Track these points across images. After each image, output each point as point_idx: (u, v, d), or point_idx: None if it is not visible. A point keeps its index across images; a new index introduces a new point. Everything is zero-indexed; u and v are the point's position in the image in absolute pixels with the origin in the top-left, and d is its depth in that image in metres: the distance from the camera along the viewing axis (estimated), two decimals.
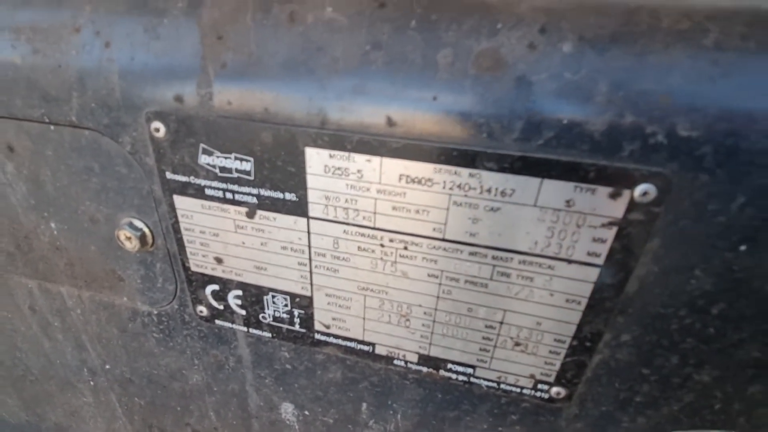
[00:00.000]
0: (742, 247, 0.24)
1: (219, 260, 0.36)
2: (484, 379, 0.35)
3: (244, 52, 0.28)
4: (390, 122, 0.26)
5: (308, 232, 0.32)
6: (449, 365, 0.35)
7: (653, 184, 0.24)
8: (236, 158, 0.30)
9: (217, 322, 0.40)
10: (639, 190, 0.24)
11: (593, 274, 0.27)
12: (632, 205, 0.25)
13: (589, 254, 0.27)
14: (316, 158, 0.28)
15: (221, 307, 0.39)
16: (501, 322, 0.31)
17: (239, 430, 0.49)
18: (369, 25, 0.26)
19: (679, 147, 0.23)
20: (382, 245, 0.31)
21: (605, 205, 0.25)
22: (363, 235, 0.31)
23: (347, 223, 0.30)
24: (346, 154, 0.28)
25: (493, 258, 0.29)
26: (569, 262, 0.27)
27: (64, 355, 0.52)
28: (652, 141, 0.23)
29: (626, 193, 0.24)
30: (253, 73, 0.28)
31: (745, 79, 0.22)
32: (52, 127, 0.34)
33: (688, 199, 0.24)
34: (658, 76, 0.23)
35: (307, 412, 0.44)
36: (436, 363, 0.35)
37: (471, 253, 0.29)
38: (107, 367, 0.50)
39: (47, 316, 0.48)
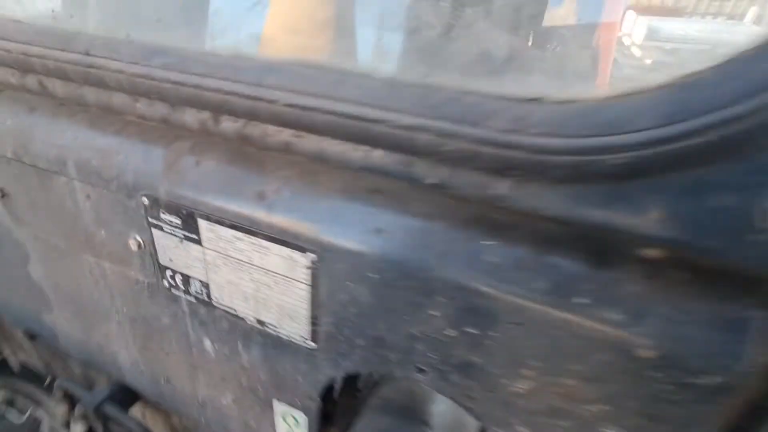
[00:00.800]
0: (350, 284, 0.59)
1: (170, 260, 0.75)
2: (284, 334, 0.71)
3: (180, 175, 0.67)
4: (233, 218, 0.64)
5: (204, 253, 0.70)
6: (268, 324, 0.71)
7: (315, 254, 0.59)
8: (176, 217, 0.69)
9: (172, 290, 0.79)
10: (310, 255, 0.60)
11: (307, 288, 0.63)
12: (309, 262, 0.60)
13: (302, 279, 0.63)
14: (204, 224, 0.66)
15: (174, 283, 0.78)
16: (282, 306, 0.68)
17: (187, 354, 0.88)
18: (229, 170, 0.64)
19: (321, 244, 0.58)
20: (229, 264, 0.68)
21: (301, 260, 0.61)
22: (225, 258, 0.68)
23: (217, 252, 0.68)
24: (213, 224, 0.65)
25: (272, 276, 0.65)
26: (298, 281, 0.63)
27: (103, 300, 0.94)
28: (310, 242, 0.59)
29: (307, 255, 0.60)
30: (183, 185, 0.66)
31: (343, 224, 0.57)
32: (106, 192, 0.74)
33: (327, 264, 0.59)
34: (344, 222, 0.58)
35: (216, 346, 0.82)
36: (263, 323, 0.72)
37: (262, 273, 0.66)
38: (125, 309, 0.91)
39: (98, 278, 0.90)
